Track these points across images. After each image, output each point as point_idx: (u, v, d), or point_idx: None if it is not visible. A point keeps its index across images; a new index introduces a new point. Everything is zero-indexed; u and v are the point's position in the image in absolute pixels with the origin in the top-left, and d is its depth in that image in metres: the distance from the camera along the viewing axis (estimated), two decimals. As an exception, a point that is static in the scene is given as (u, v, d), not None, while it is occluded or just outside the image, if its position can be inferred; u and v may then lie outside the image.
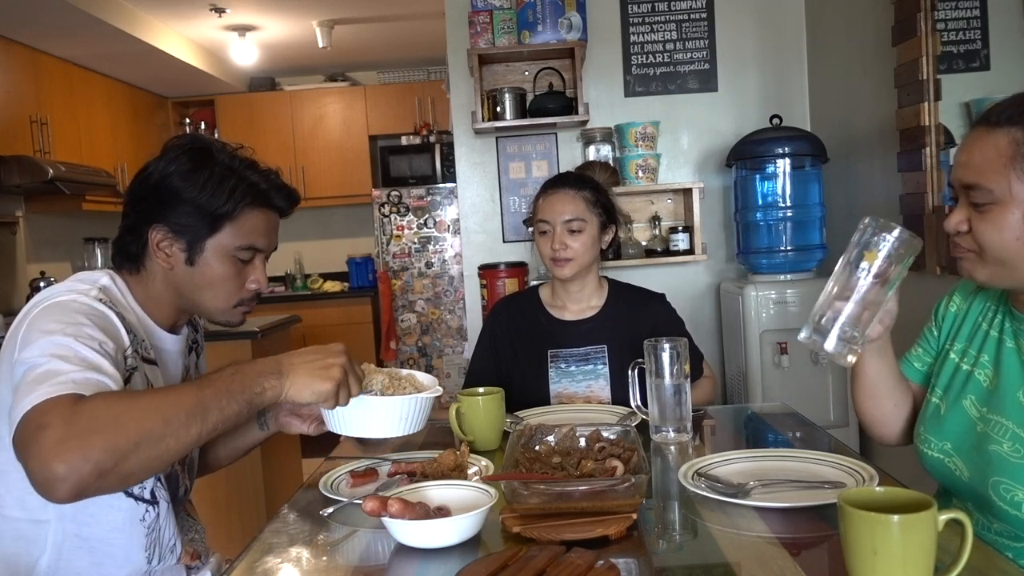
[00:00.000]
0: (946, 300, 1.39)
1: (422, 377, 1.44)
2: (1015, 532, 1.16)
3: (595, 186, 1.97)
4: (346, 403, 1.21)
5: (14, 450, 1.02)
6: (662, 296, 2.04)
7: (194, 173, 1.28)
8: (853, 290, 1.15)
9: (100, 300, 1.22)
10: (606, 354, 1.93)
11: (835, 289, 1.16)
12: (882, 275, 1.14)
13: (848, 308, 1.15)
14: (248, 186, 1.31)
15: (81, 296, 1.20)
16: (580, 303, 2.00)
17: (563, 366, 1.95)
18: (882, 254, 1.13)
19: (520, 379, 1.95)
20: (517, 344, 2.00)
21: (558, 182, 1.99)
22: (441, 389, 1.39)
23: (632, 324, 1.95)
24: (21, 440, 1.00)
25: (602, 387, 1.92)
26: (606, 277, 2.05)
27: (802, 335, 1.19)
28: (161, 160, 1.30)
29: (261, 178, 1.33)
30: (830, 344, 1.16)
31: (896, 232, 1.13)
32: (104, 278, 1.29)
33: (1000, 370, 1.22)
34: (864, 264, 1.14)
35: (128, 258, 1.32)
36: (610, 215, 1.97)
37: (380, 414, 1.30)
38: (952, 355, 1.31)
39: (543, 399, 1.91)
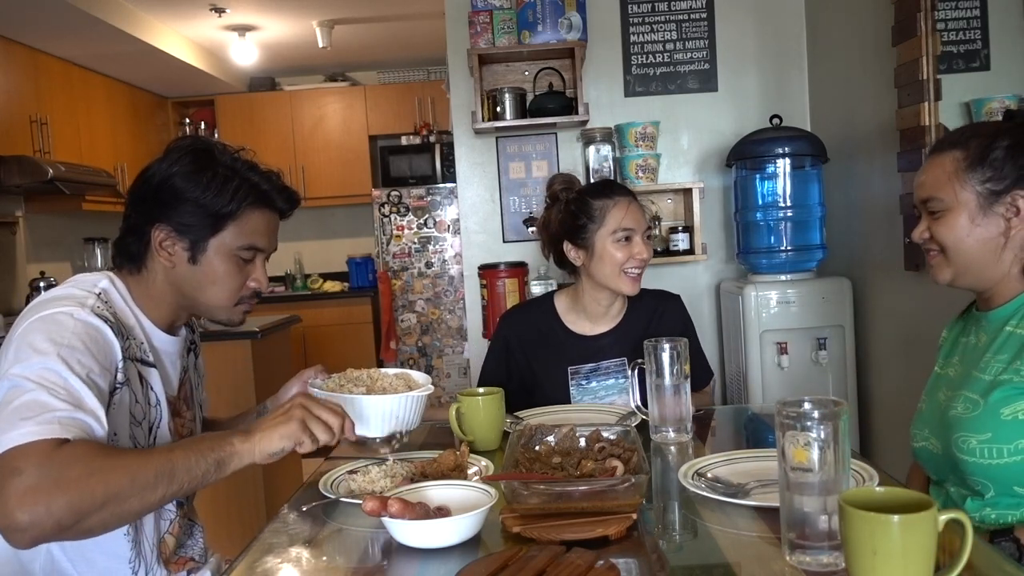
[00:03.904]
0: (941, 338, 1.54)
1: (416, 375, 1.45)
2: (980, 483, 1.27)
3: None
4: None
5: None
6: (677, 297, 2.01)
7: (197, 173, 1.29)
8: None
9: (96, 310, 1.21)
10: (626, 367, 1.88)
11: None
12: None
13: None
14: (250, 186, 1.32)
15: (77, 310, 1.19)
16: (606, 316, 1.94)
17: (584, 383, 1.89)
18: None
19: (540, 397, 1.89)
20: (532, 357, 1.94)
21: (623, 190, 1.91)
22: (432, 387, 1.41)
23: (650, 331, 1.87)
24: None
25: (625, 402, 1.86)
26: None
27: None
28: (163, 161, 1.31)
29: (263, 179, 1.35)
30: None
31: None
32: (103, 280, 1.29)
33: (964, 360, 1.40)
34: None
35: (129, 258, 1.33)
36: None
37: (370, 413, 1.32)
38: (936, 368, 1.49)
39: None
